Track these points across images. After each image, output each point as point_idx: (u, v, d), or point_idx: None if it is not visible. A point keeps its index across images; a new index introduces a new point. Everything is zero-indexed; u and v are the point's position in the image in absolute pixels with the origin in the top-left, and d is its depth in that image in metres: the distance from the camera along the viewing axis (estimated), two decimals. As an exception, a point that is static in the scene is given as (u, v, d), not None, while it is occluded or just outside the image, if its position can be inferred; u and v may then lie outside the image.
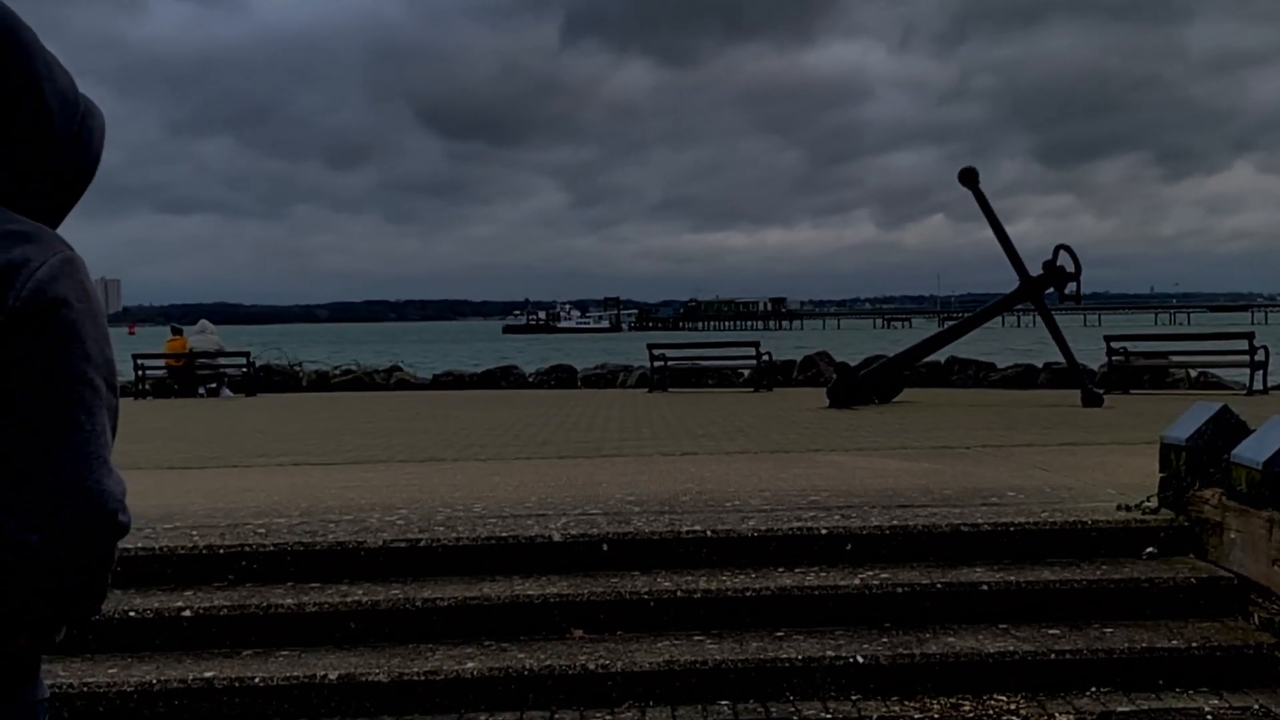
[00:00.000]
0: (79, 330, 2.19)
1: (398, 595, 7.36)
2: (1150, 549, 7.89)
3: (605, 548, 7.85)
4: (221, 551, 7.85)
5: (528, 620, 7.25)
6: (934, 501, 8.87)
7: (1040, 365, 27.98)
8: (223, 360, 31.29)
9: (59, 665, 6.80)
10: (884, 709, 6.53)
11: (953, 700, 6.64)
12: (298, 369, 34.42)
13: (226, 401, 28.82)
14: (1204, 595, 7.35)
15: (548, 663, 6.72)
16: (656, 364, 28.79)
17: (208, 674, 6.73)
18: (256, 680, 6.67)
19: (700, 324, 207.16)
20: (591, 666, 6.73)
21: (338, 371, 34.60)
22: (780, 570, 7.70)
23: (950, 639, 6.99)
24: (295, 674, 6.71)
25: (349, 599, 7.33)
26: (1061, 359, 22.68)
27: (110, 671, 6.80)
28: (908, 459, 11.97)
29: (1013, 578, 7.45)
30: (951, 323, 24.98)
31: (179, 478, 11.97)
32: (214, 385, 30.53)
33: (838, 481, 10.13)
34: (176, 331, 32.58)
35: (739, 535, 7.93)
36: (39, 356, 2.15)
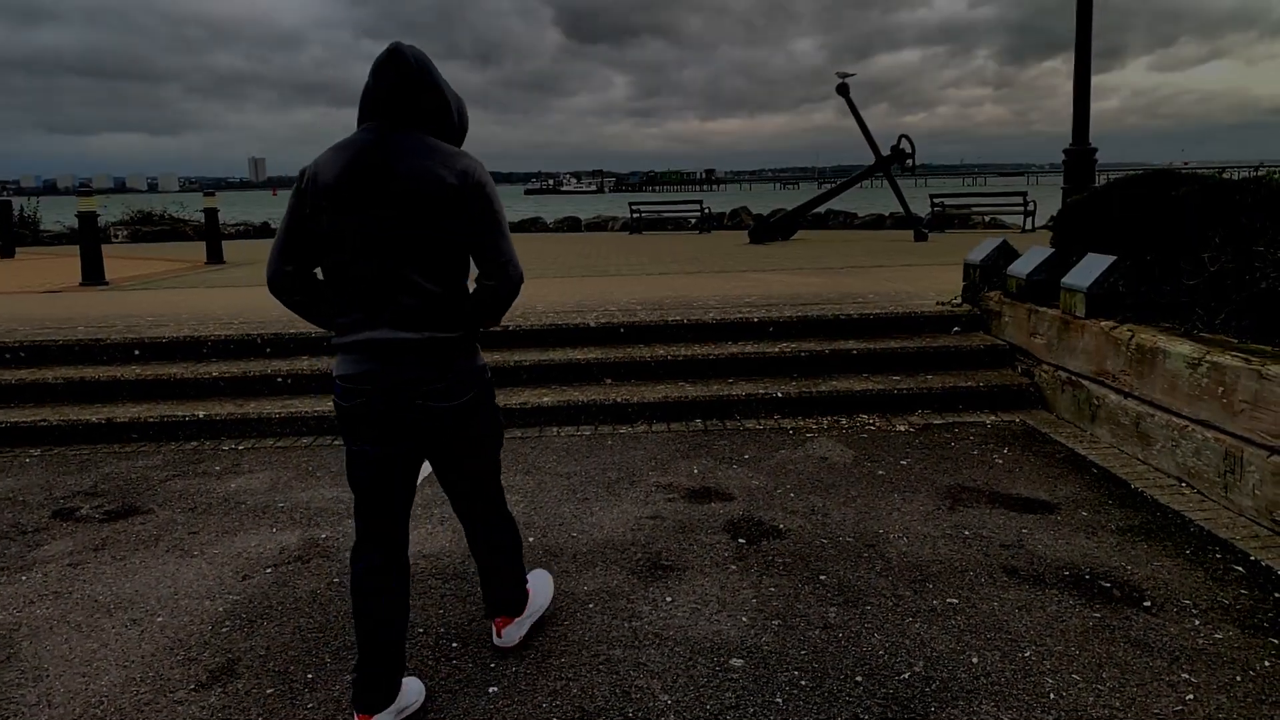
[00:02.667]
0: (493, 193, 3.39)
1: (499, 359, 7.96)
2: (956, 328, 8.66)
3: (622, 330, 8.50)
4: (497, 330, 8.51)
5: (577, 373, 7.94)
6: (822, 301, 9.53)
7: (886, 214, 28.46)
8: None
9: (296, 400, 7.57)
10: (794, 423, 7.30)
11: (835, 418, 7.46)
12: None
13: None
14: (988, 355, 8.12)
15: (593, 397, 7.45)
16: (634, 214, 29.18)
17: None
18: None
19: (656, 188, 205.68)
20: (618, 400, 7.43)
21: None
22: (730, 343, 8.39)
23: (834, 383, 7.72)
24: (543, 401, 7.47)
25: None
26: (901, 210, 23.35)
27: (329, 405, 7.54)
28: (803, 275, 12.57)
29: (871, 346, 8.15)
30: (828, 186, 25.41)
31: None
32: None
33: (762, 290, 10.78)
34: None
35: (704, 322, 8.58)
36: (482, 205, 3.32)
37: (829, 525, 5.25)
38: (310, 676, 3.86)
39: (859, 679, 3.72)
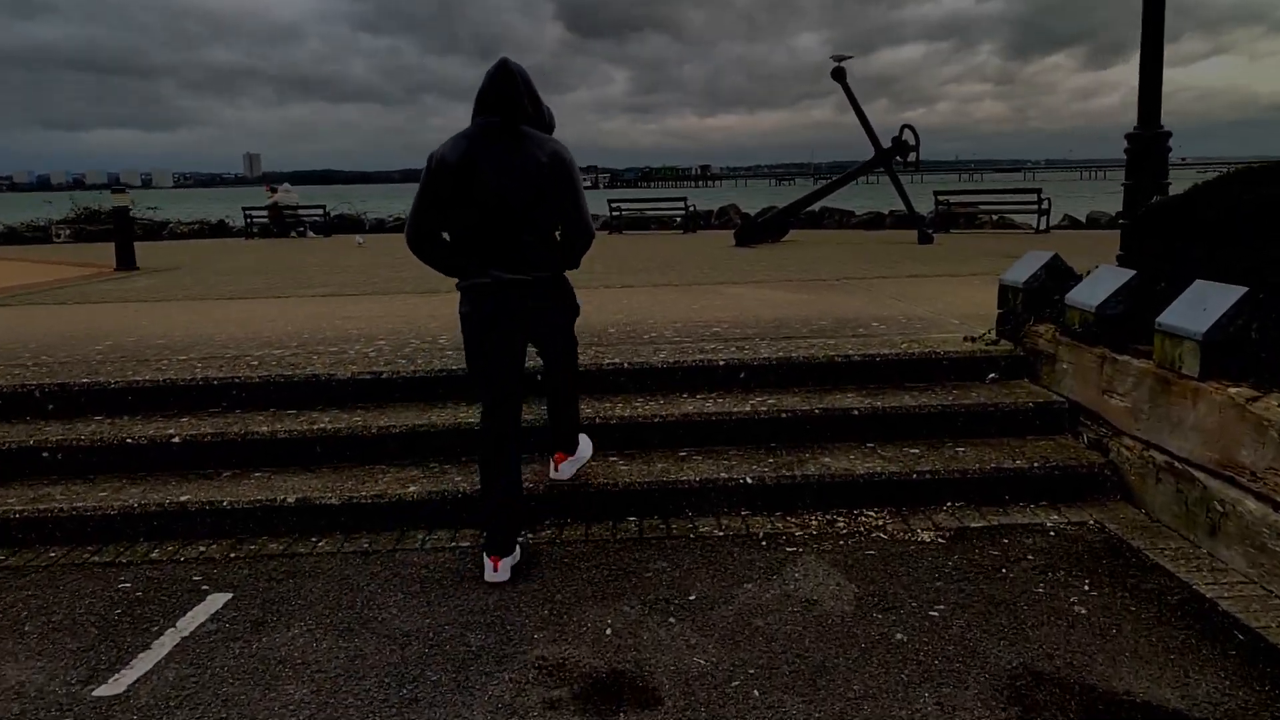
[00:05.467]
0: (575, 169, 4.46)
1: (359, 422, 5.68)
2: (993, 375, 6.35)
3: (538, 378, 6.06)
4: (216, 383, 6.12)
5: (465, 446, 5.61)
6: (812, 333, 7.21)
7: (886, 212, 26.18)
8: (302, 211, 28.81)
9: (57, 490, 5.25)
10: (769, 525, 5.00)
11: (829, 516, 5.18)
12: (363, 216, 32.11)
13: (308, 240, 26.53)
14: (1039, 417, 5.80)
15: (479, 487, 5.13)
16: (614, 213, 26.94)
17: (184, 498, 5.13)
18: (225, 504, 5.06)
19: (652, 184, 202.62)
20: None
21: (391, 219, 31.78)
22: (685, 396, 6.07)
23: (826, 459, 5.41)
24: (259, 498, 5.07)
25: (316, 426, 5.65)
26: (903, 208, 21.07)
27: (101, 495, 5.17)
28: (791, 290, 10.25)
29: (879, 403, 5.83)
30: (824, 182, 23.14)
31: (229, 307, 10.10)
32: (301, 229, 28.48)
33: (737, 313, 8.43)
34: (272, 190, 30.21)
35: (650, 367, 6.24)
36: (567, 179, 4.39)
37: (816, 780, 2.96)
38: None
39: None
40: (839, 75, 19.14)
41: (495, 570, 4.47)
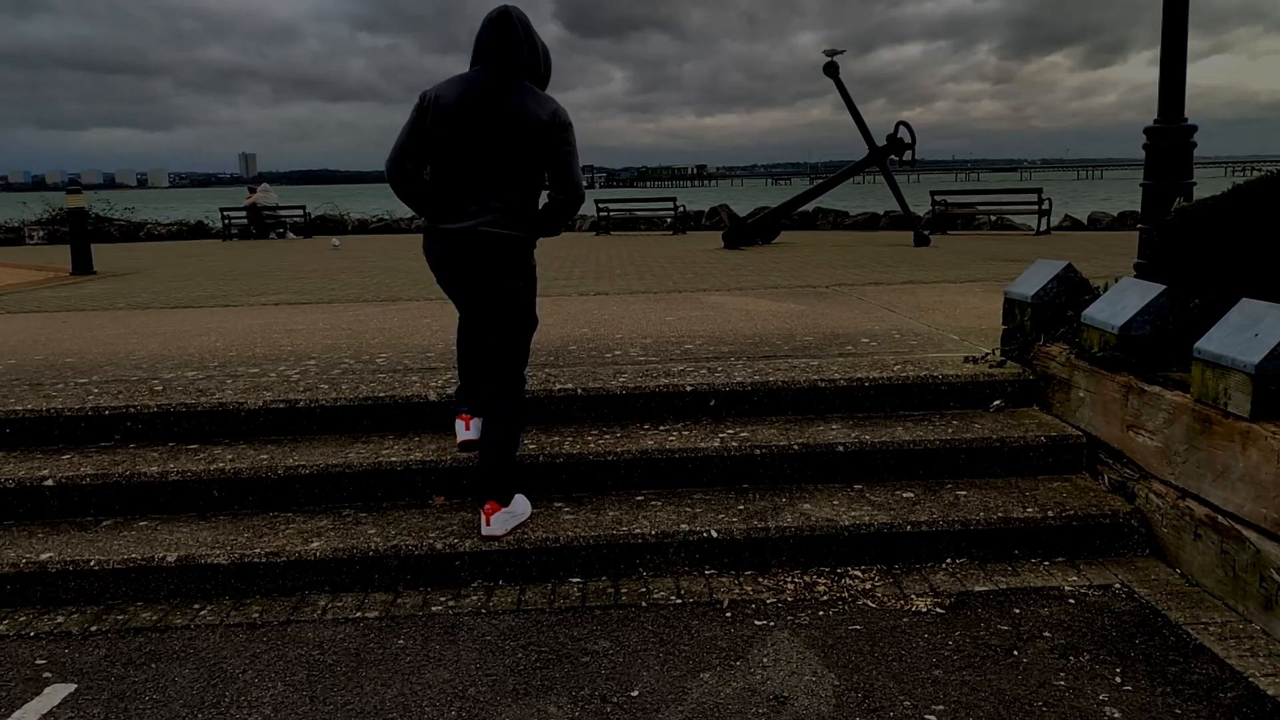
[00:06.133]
0: (573, 131, 4.28)
1: (265, 461, 4.85)
2: (998, 402, 5.55)
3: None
4: (107, 413, 5.30)
5: (388, 489, 4.79)
6: (794, 351, 6.38)
7: (881, 213, 25.40)
8: (282, 211, 27.98)
9: None
10: (736, 589, 4.18)
11: (807, 577, 4.36)
12: (345, 217, 31.34)
13: (286, 242, 25.76)
14: (1052, 453, 4.98)
15: (394, 542, 4.30)
16: (602, 214, 26.13)
17: (44, 556, 4.29)
18: (92, 564, 4.23)
19: (648, 183, 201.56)
20: (440, 547, 4.29)
21: (374, 220, 31.16)
22: (645, 428, 5.24)
23: (806, 505, 4.60)
24: (135, 555, 4.24)
25: (215, 466, 4.82)
26: (898, 208, 20.28)
27: (-49, 552, 4.45)
28: (776, 300, 9.42)
29: (868, 436, 5.01)
30: (819, 181, 22.39)
31: (169, 317, 9.27)
32: (280, 230, 27.67)
33: (714, 326, 7.61)
34: (251, 190, 29.22)
35: (608, 393, 5.44)
36: (563, 140, 4.23)
37: None
38: None
39: None
40: (831, 70, 18.36)
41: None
